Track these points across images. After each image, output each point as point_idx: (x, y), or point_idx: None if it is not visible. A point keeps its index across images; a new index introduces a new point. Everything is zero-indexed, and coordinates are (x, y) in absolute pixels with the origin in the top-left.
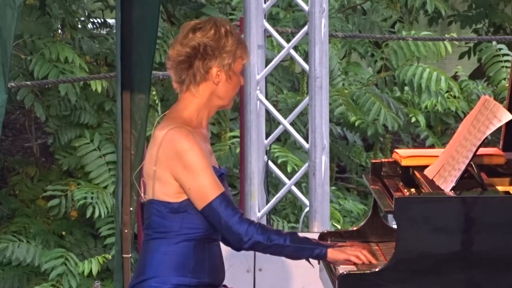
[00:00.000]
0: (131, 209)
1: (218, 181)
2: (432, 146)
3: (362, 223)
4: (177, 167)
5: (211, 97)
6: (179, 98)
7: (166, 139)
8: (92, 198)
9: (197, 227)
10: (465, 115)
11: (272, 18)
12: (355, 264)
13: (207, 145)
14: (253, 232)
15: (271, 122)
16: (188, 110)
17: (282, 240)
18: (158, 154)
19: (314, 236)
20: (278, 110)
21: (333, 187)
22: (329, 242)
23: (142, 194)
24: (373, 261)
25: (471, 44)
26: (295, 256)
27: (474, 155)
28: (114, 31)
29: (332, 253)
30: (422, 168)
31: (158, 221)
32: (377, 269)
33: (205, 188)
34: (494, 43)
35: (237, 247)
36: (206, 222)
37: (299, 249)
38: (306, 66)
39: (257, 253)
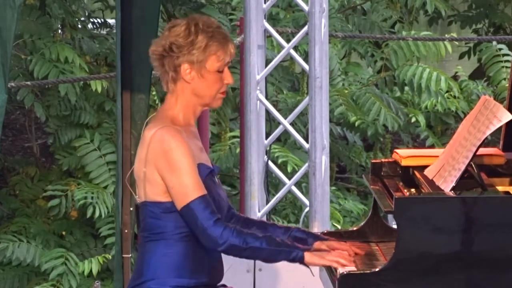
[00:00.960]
0: (131, 209)
1: (201, 183)
2: (432, 146)
3: (362, 223)
4: (163, 166)
5: (191, 96)
6: (166, 98)
7: (154, 139)
8: (92, 198)
9: None
10: (465, 115)
11: (272, 18)
12: (355, 264)
13: (197, 142)
14: (228, 236)
15: (271, 122)
16: (173, 109)
17: (258, 243)
18: (147, 155)
19: None
20: (278, 110)
21: (333, 187)
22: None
23: (135, 196)
24: (351, 265)
25: (471, 44)
26: (271, 259)
27: (474, 155)
28: (114, 31)
29: (310, 257)
30: (422, 168)
31: (153, 223)
32: (377, 269)
33: (186, 189)
34: (494, 43)
35: (213, 250)
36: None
37: (276, 252)
38: (306, 66)
39: None
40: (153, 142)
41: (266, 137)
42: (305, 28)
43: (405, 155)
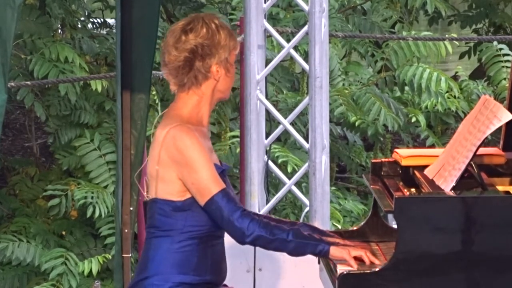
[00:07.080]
0: (131, 209)
1: (219, 177)
2: (432, 146)
3: (362, 223)
4: (180, 164)
5: (213, 92)
6: (178, 97)
7: (168, 138)
8: (92, 197)
9: (201, 225)
10: (465, 115)
11: (272, 18)
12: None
13: (208, 142)
14: (255, 227)
15: (271, 122)
16: (187, 107)
17: (285, 235)
18: (160, 154)
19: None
20: (278, 110)
21: (333, 187)
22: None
23: (144, 193)
24: (376, 262)
25: (471, 44)
26: (297, 252)
27: (475, 155)
28: (114, 31)
29: (335, 252)
30: (422, 168)
31: (162, 220)
32: (377, 269)
33: (207, 183)
34: (494, 43)
35: (240, 242)
36: (210, 219)
37: (302, 244)
38: (306, 66)
39: (257, 253)
40: (166, 141)
41: (266, 137)
42: (305, 28)
43: (405, 155)
